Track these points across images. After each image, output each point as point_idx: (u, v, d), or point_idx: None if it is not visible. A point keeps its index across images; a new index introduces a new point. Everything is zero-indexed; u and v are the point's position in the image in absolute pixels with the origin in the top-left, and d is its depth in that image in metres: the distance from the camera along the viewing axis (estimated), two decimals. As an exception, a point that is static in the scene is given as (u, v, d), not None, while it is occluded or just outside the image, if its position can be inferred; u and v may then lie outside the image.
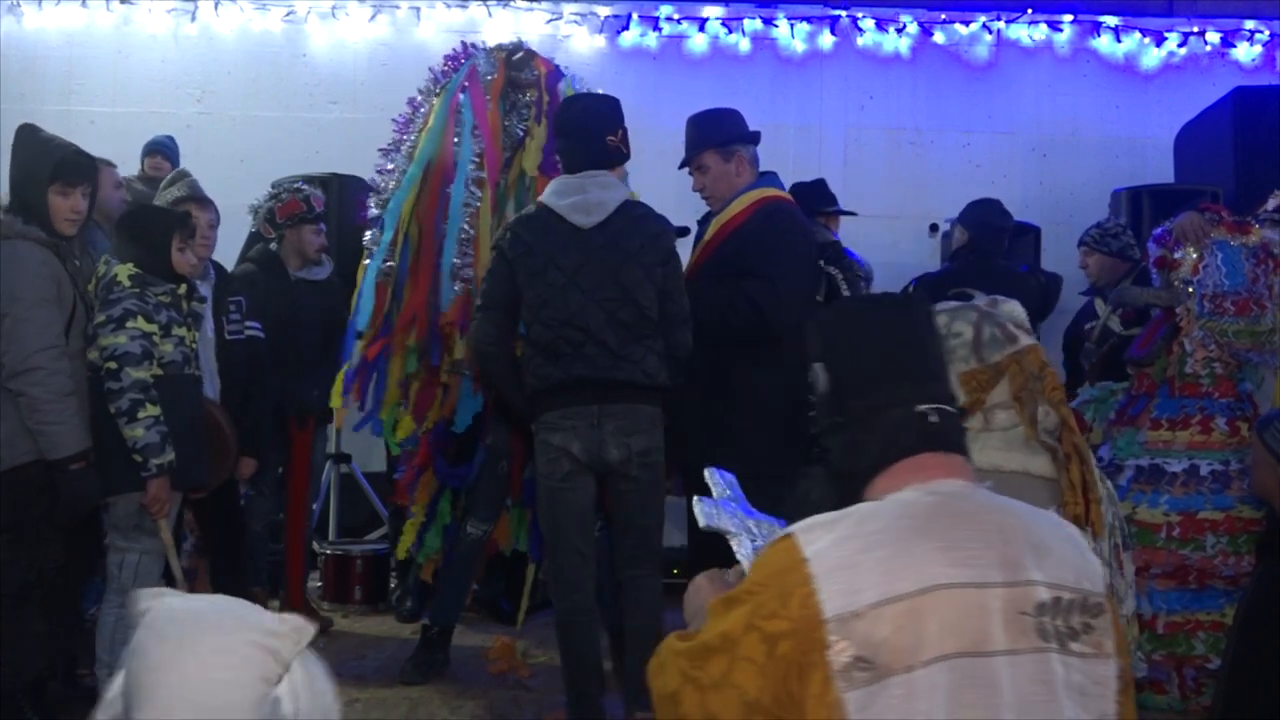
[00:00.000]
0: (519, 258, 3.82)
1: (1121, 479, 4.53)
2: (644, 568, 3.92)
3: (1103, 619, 1.58)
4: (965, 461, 1.68)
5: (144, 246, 3.96)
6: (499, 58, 4.45)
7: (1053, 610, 1.53)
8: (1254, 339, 4.41)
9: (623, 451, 3.80)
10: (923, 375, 1.69)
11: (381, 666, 4.86)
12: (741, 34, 7.35)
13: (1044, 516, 1.68)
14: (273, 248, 5.28)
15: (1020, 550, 1.55)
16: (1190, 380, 4.45)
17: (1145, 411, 4.55)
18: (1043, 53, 7.45)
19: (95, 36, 7.34)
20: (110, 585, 4.00)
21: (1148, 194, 6.19)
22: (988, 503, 1.62)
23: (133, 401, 3.77)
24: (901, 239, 7.28)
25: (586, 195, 3.86)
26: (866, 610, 1.48)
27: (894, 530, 1.54)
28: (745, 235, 4.26)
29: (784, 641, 1.51)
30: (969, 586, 1.50)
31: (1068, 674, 1.53)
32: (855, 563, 1.51)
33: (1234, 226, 4.47)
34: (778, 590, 1.53)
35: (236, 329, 4.79)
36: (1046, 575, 1.54)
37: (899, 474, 1.63)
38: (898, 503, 1.59)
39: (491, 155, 4.28)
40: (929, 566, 1.50)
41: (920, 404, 1.65)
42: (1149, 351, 4.58)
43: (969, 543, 1.54)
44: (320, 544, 6.10)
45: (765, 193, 4.36)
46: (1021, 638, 1.51)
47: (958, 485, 1.62)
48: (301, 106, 7.32)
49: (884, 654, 1.47)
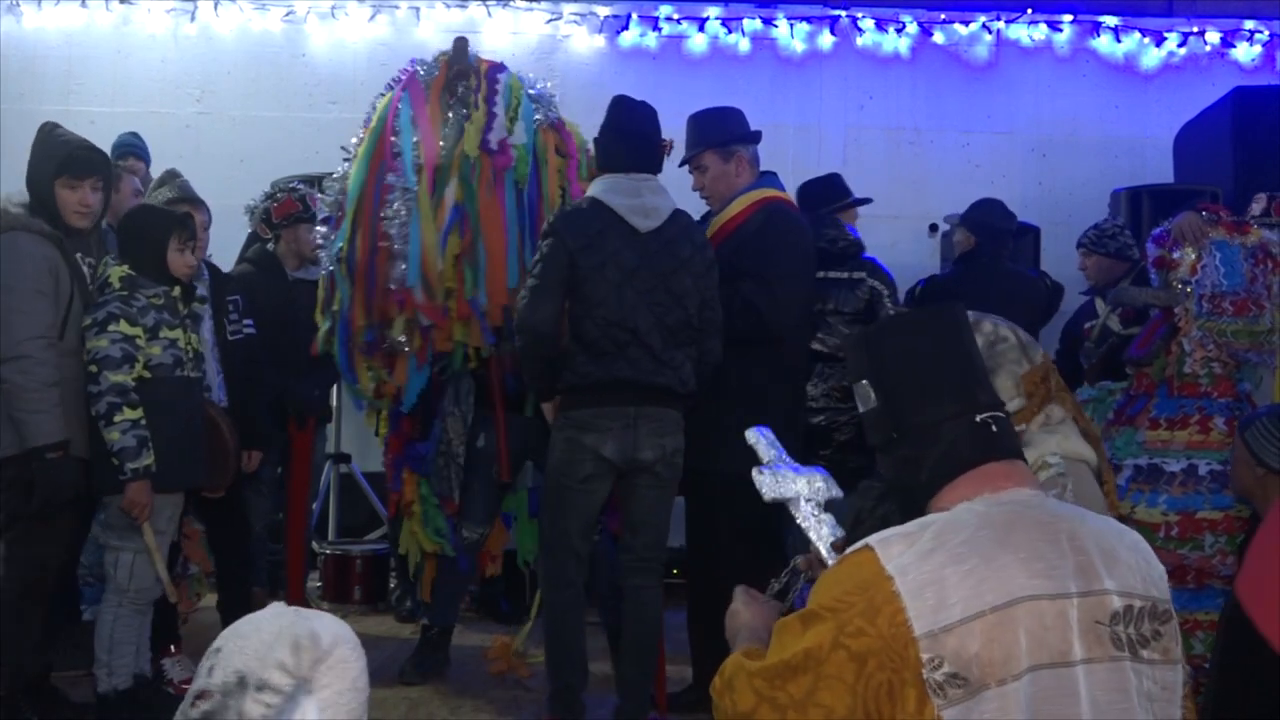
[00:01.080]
0: (581, 250, 3.84)
1: (1120, 479, 4.53)
2: (648, 578, 3.96)
3: (1170, 625, 1.60)
4: (1026, 467, 1.70)
5: (140, 248, 3.97)
6: (441, 61, 4.50)
7: (1125, 618, 1.56)
8: (1252, 339, 4.41)
9: (656, 452, 3.87)
10: (974, 385, 1.71)
11: (381, 666, 4.84)
12: (741, 34, 7.35)
13: (1109, 523, 1.70)
14: (269, 248, 5.28)
15: (1093, 558, 1.57)
16: (1189, 380, 4.45)
17: (1144, 411, 4.55)
18: (1042, 53, 7.45)
19: (95, 36, 7.33)
20: (108, 585, 4.01)
21: (1147, 194, 6.19)
22: (1059, 511, 1.64)
23: (110, 405, 3.79)
24: (901, 239, 7.28)
25: (643, 199, 3.92)
26: (956, 625, 1.49)
27: (975, 542, 1.54)
28: (743, 236, 4.26)
29: (873, 659, 1.50)
30: (1051, 597, 1.52)
31: (1140, 681, 1.55)
32: (941, 577, 1.51)
33: (1232, 227, 4.47)
34: (864, 607, 1.52)
35: (235, 329, 4.79)
36: (1118, 583, 1.57)
37: (968, 485, 1.64)
38: (974, 514, 1.60)
39: (428, 143, 4.31)
40: (1013, 578, 1.52)
41: (978, 414, 1.67)
42: (1147, 351, 4.58)
43: (1047, 553, 1.55)
44: (320, 544, 6.10)
45: (764, 193, 4.37)
46: (1098, 646, 1.53)
47: (1027, 494, 1.64)
48: (301, 106, 7.32)
49: (976, 669, 1.48)
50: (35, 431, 3.72)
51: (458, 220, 4.27)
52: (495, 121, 4.36)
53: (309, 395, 5.20)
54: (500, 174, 4.33)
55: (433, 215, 4.27)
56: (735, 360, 4.16)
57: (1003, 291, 4.99)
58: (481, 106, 4.36)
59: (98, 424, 3.80)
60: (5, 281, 3.75)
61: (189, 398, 4.05)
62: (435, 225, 4.25)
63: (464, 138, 4.31)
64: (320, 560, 5.98)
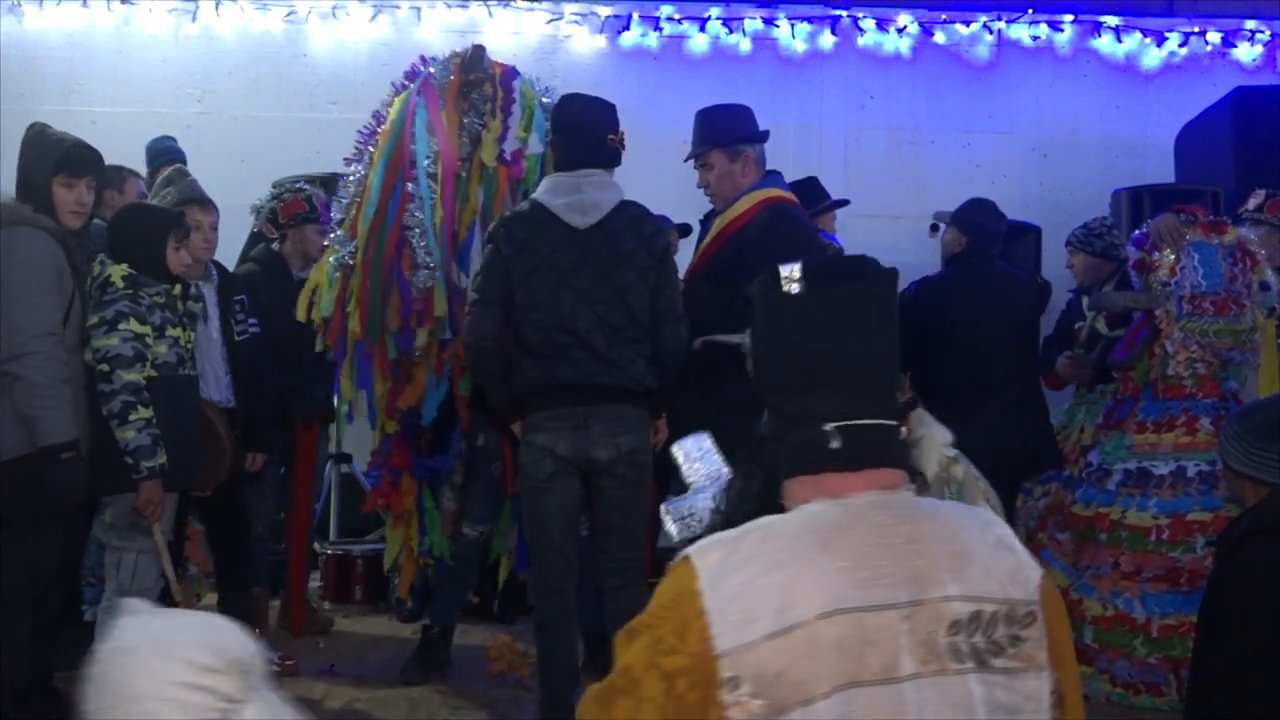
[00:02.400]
0: (514, 256, 3.80)
1: (1110, 483, 4.54)
2: (626, 577, 3.89)
3: (1034, 628, 1.47)
4: (890, 471, 1.53)
5: (139, 247, 3.96)
6: (454, 63, 4.48)
7: (970, 627, 1.43)
8: (1235, 338, 4.41)
9: (611, 451, 3.79)
10: (841, 382, 1.52)
11: (381, 666, 4.86)
12: (742, 34, 7.35)
13: (974, 518, 1.55)
14: (274, 248, 5.28)
15: (935, 563, 1.45)
16: (1173, 382, 4.46)
17: (1131, 415, 4.56)
18: (1043, 53, 7.45)
19: (96, 36, 7.33)
20: (108, 585, 4.00)
21: (1148, 194, 6.18)
22: (903, 512, 1.50)
23: (124, 404, 3.77)
24: (902, 239, 7.27)
25: (582, 195, 3.84)
26: (760, 642, 1.38)
27: (796, 549, 1.43)
28: (747, 236, 4.25)
29: (681, 679, 1.41)
30: (872, 609, 1.40)
31: (990, 693, 1.43)
32: (750, 589, 1.41)
33: (1209, 227, 4.48)
34: (676, 623, 1.43)
35: (241, 328, 4.80)
36: (965, 588, 1.44)
37: (807, 486, 1.52)
38: (804, 518, 1.48)
39: (446, 150, 4.30)
40: (831, 588, 1.40)
41: (830, 420, 1.50)
42: (1131, 354, 4.59)
43: (876, 559, 1.43)
44: (320, 544, 6.10)
45: (768, 193, 4.35)
46: (932, 660, 1.41)
47: (871, 496, 1.49)
48: (302, 106, 7.32)
49: (780, 689, 1.37)
50: (48, 429, 3.63)
51: (477, 235, 4.28)
52: (509, 132, 4.35)
53: (316, 396, 5.20)
54: (515, 185, 4.33)
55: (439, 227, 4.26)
56: (733, 363, 4.14)
57: (995, 291, 4.99)
58: (499, 115, 4.35)
59: (109, 423, 3.77)
60: (12, 276, 3.66)
61: (188, 396, 4.06)
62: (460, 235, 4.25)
63: (482, 147, 4.29)
64: (321, 560, 5.98)
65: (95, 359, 3.80)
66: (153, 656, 1.45)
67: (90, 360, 3.83)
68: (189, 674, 1.43)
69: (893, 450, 1.55)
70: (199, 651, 1.45)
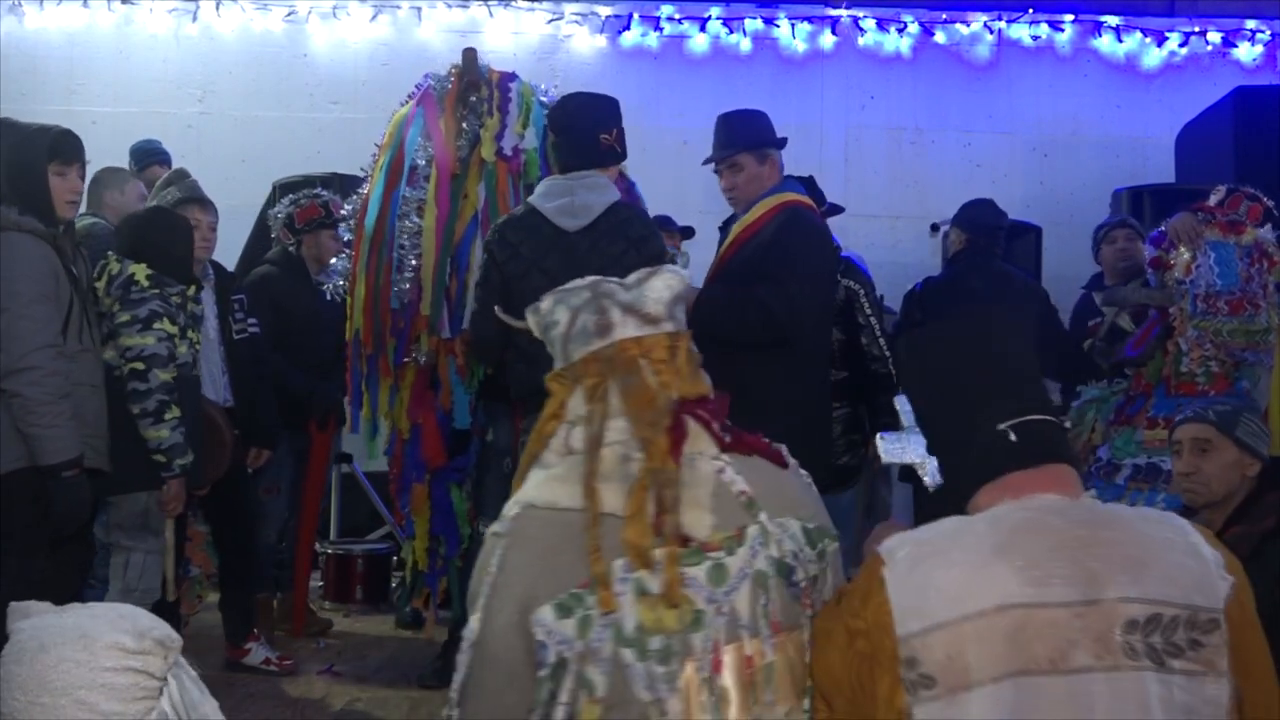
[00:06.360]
0: (506, 261, 3.83)
1: (1119, 477, 4.53)
2: None
3: (1215, 635, 1.55)
4: (1066, 470, 1.68)
5: (168, 248, 3.99)
6: (453, 73, 4.50)
7: (1147, 628, 1.53)
8: (1249, 338, 4.41)
9: None
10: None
11: (382, 666, 4.86)
12: (742, 34, 7.35)
13: (1163, 526, 1.65)
14: (292, 250, 5.30)
15: (1111, 566, 1.55)
16: (1186, 379, 4.45)
17: (1142, 411, 4.55)
18: (1044, 52, 7.45)
19: (96, 36, 7.34)
20: (113, 585, 3.99)
21: (1149, 194, 6.18)
22: (1081, 518, 1.62)
23: (160, 403, 3.81)
24: (902, 239, 7.28)
25: (574, 198, 3.85)
26: (932, 630, 1.54)
27: (976, 548, 1.58)
28: (762, 240, 4.23)
29: (860, 639, 1.61)
30: (1043, 606, 1.53)
31: (1168, 692, 1.52)
32: (928, 582, 1.57)
33: (1227, 226, 4.46)
34: (861, 595, 1.63)
35: (240, 328, 4.81)
36: (1143, 591, 1.54)
37: (993, 492, 1.66)
38: (988, 519, 1.63)
39: (441, 155, 4.31)
40: (1004, 585, 1.54)
41: (1002, 421, 1.67)
42: (1143, 351, 4.58)
43: (1049, 561, 1.55)
44: (321, 543, 6.10)
45: (784, 197, 4.33)
46: (1107, 655, 1.52)
47: (1052, 499, 1.63)
48: (302, 106, 7.33)
49: (948, 673, 1.53)
50: (50, 449, 3.42)
51: (476, 231, 4.27)
52: (507, 129, 4.36)
53: (333, 397, 5.22)
54: (515, 179, 4.33)
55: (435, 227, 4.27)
56: (751, 367, 4.11)
57: (996, 290, 4.99)
58: (495, 114, 4.36)
59: (139, 421, 3.78)
60: (6, 286, 3.44)
61: (195, 395, 4.11)
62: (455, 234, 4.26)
63: (480, 144, 4.30)
64: (321, 560, 5.98)
65: (126, 357, 3.80)
66: (75, 649, 1.49)
67: (114, 358, 3.81)
68: (117, 658, 1.49)
69: (1063, 444, 1.72)
70: (122, 636, 1.51)
